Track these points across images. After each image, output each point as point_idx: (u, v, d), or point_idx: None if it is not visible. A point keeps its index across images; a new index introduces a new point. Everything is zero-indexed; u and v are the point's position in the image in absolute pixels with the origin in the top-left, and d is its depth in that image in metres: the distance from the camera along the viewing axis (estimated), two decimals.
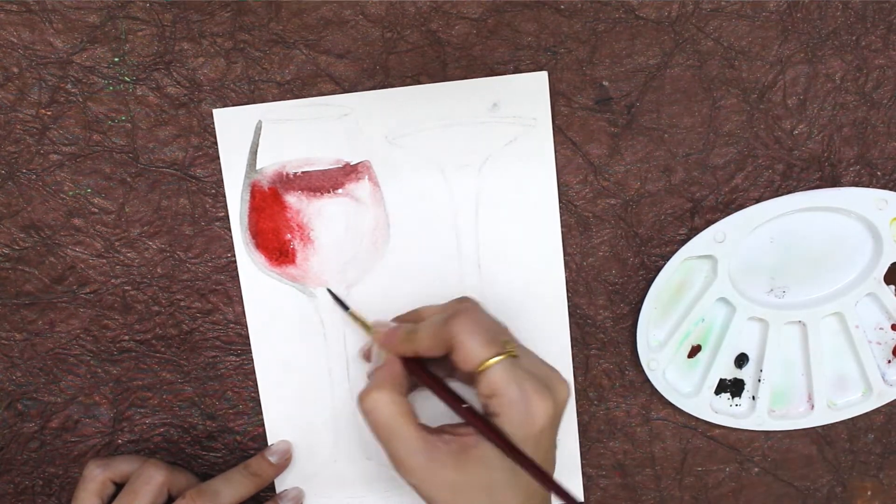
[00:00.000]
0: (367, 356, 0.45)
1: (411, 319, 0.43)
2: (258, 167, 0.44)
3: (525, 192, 0.45)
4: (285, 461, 0.47)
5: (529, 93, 0.44)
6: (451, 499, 0.38)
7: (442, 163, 0.45)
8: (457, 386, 0.41)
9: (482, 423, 0.38)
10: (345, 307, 0.45)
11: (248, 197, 0.45)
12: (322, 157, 0.44)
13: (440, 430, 0.39)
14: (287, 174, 0.44)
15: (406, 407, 0.39)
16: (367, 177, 0.45)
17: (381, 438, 0.39)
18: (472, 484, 0.38)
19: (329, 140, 0.44)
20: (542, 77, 0.44)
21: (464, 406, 0.39)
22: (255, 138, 0.44)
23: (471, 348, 0.37)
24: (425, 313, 0.43)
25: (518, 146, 0.44)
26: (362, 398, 0.39)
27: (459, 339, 0.38)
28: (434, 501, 0.38)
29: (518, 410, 0.37)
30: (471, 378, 0.38)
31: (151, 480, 0.43)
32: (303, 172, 0.44)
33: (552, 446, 0.39)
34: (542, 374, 0.39)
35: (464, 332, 0.38)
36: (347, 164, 0.44)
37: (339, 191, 0.44)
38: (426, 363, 0.41)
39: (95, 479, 0.43)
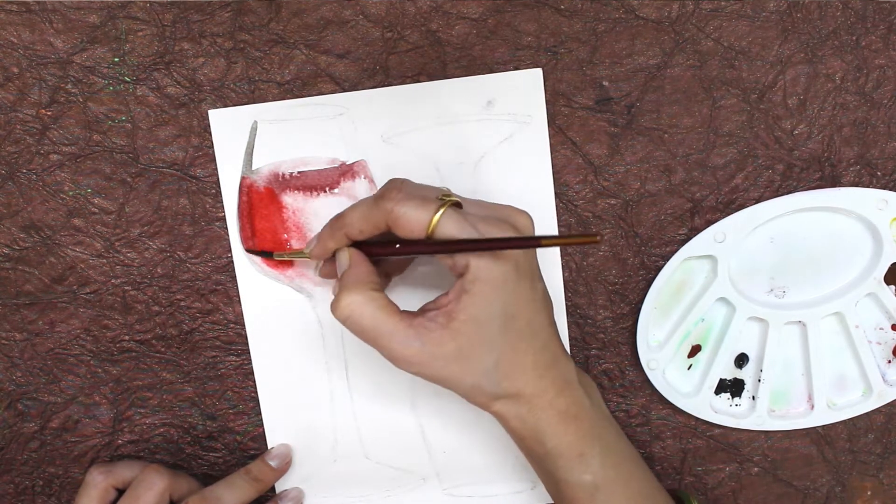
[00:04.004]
0: (327, 274, 0.43)
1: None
2: (254, 167, 0.44)
3: (521, 189, 0.45)
4: (286, 465, 0.47)
5: (524, 90, 0.44)
6: (458, 370, 0.37)
7: (437, 161, 0.45)
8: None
9: (460, 243, 0.36)
10: (269, 255, 0.44)
11: (244, 197, 0.45)
12: (318, 156, 0.44)
13: (422, 311, 0.38)
14: (283, 174, 0.44)
15: (382, 301, 0.37)
16: (363, 176, 0.45)
17: (367, 340, 0.37)
18: (471, 346, 0.37)
19: (325, 140, 0.44)
20: (536, 74, 0.44)
21: (402, 245, 0.37)
22: (251, 139, 0.44)
23: (410, 215, 0.36)
24: (353, 204, 0.40)
25: (514, 143, 0.44)
26: (334, 308, 0.37)
27: (395, 212, 0.36)
28: (443, 380, 0.37)
29: (482, 253, 0.36)
30: (424, 249, 0.37)
31: (153, 486, 0.43)
32: (299, 172, 0.44)
33: (535, 277, 0.38)
34: (495, 212, 0.38)
35: (397, 203, 0.36)
36: (343, 164, 0.44)
37: (336, 190, 0.45)
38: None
39: (98, 485, 0.43)
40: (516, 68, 0.44)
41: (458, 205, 0.37)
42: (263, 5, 0.43)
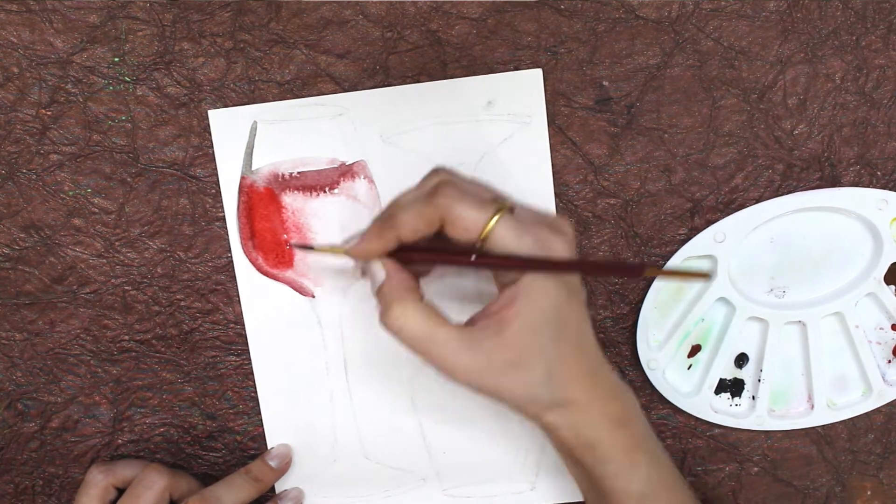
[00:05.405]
0: (362, 273, 0.40)
1: (388, 211, 0.38)
2: (254, 168, 0.44)
3: (521, 189, 0.45)
4: (286, 465, 0.47)
5: (524, 90, 0.44)
6: (512, 380, 0.36)
7: (437, 161, 0.44)
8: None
9: (508, 260, 0.35)
10: (310, 248, 0.43)
11: (244, 198, 0.45)
12: (318, 156, 0.44)
13: (471, 321, 0.37)
14: (283, 174, 0.44)
15: (431, 310, 0.36)
16: (362, 176, 0.45)
17: (419, 352, 0.36)
18: (525, 355, 0.36)
19: (324, 140, 0.44)
20: (536, 74, 0.44)
21: (478, 257, 0.36)
22: (251, 139, 0.44)
23: (467, 216, 0.34)
24: (401, 201, 0.37)
25: (514, 143, 0.44)
26: (385, 320, 0.36)
27: (452, 210, 0.35)
28: (497, 391, 0.36)
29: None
30: (472, 249, 0.36)
31: (153, 485, 0.43)
32: (298, 173, 0.44)
33: (579, 283, 0.38)
34: (543, 218, 0.37)
35: (453, 201, 0.35)
36: (343, 164, 0.44)
37: (335, 190, 0.45)
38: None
39: (98, 484, 0.44)
40: (516, 68, 0.44)
41: (511, 209, 0.36)
42: (263, 5, 0.43)
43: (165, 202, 0.45)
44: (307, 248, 0.44)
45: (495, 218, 0.35)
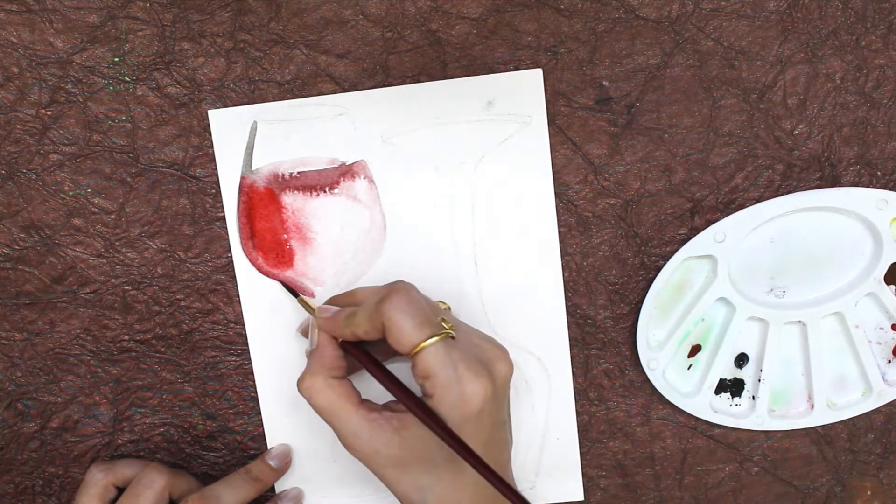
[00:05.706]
0: (304, 333, 0.45)
1: (346, 300, 0.42)
2: (254, 168, 0.44)
3: (521, 189, 0.45)
4: (286, 465, 0.47)
5: (524, 90, 0.44)
6: (395, 474, 0.39)
7: (437, 161, 0.45)
8: (400, 367, 0.42)
9: (419, 408, 0.37)
10: (294, 294, 0.45)
11: (244, 197, 0.45)
12: (318, 157, 0.44)
13: (383, 407, 0.39)
14: (283, 174, 0.44)
15: (343, 388, 0.39)
16: (362, 176, 0.45)
17: (324, 419, 0.40)
18: (414, 461, 0.38)
19: (325, 140, 0.44)
20: (536, 74, 0.44)
21: (401, 390, 0.39)
22: (251, 139, 0.44)
23: (403, 330, 0.37)
24: (360, 295, 0.42)
25: (513, 144, 0.44)
26: (299, 383, 0.40)
27: (392, 320, 0.37)
28: (381, 477, 0.39)
29: (452, 393, 0.37)
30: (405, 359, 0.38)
31: (153, 484, 0.43)
32: (299, 173, 0.44)
33: (498, 425, 0.39)
34: (480, 353, 0.39)
35: (396, 313, 0.37)
36: (343, 164, 0.44)
37: (336, 190, 0.45)
38: (365, 345, 0.41)
39: (97, 483, 0.44)
40: (516, 68, 0.44)
41: (452, 336, 0.38)
42: (263, 5, 0.43)
43: (165, 202, 0.45)
44: (292, 293, 0.45)
45: (430, 340, 0.37)
